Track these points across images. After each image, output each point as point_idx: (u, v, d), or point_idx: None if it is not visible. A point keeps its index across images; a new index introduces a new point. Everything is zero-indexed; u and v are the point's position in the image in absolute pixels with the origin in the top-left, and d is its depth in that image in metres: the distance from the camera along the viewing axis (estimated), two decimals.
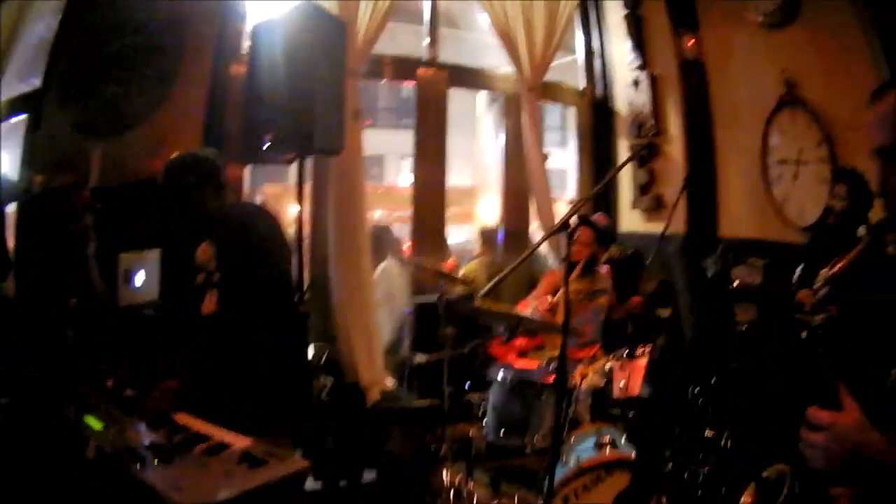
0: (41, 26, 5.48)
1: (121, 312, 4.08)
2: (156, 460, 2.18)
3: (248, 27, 5.12)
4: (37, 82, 5.15)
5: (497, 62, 6.58)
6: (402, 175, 17.52)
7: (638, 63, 6.41)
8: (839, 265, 1.75)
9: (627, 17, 6.42)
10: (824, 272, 1.75)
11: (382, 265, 5.91)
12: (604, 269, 5.12)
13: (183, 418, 2.62)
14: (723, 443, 3.70)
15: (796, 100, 5.19)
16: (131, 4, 4.85)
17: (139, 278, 4.05)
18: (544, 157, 6.25)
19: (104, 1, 4.86)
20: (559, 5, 6.24)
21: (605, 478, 3.43)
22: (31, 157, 5.00)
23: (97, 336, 3.83)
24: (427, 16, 6.17)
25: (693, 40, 6.05)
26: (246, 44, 5.02)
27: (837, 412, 1.51)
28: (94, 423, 2.50)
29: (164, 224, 3.84)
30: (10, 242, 4.65)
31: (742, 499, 2.13)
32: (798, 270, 3.68)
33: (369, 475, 4.75)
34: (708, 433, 3.80)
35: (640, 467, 3.43)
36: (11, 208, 4.88)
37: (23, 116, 5.32)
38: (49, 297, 4.14)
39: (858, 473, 1.49)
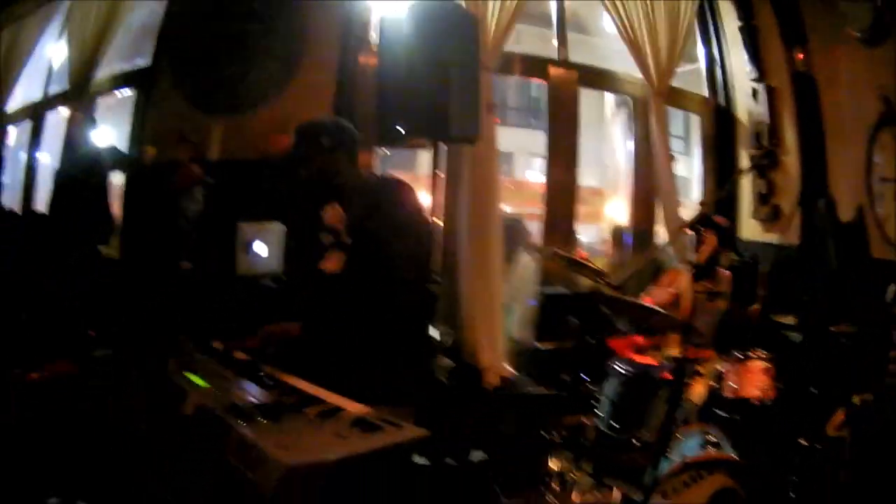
0: (143, 13, 5.78)
1: (239, 280, 4.15)
2: (262, 419, 2.14)
3: (374, 18, 5.29)
4: (143, 62, 5.36)
5: (623, 68, 6.63)
6: (530, 172, 17.52)
7: (755, 74, 6.41)
8: None
9: (742, 28, 6.45)
10: None
11: (521, 260, 5.87)
12: (724, 272, 5.13)
13: (296, 381, 2.60)
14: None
15: (893, 118, 5.15)
16: None
17: (259, 248, 4.10)
18: (671, 160, 6.28)
19: None
20: (679, 12, 6.24)
21: (706, 476, 3.43)
22: (142, 131, 5.25)
23: (208, 299, 3.89)
24: (555, 17, 6.27)
25: (802, 54, 6.03)
26: (374, 34, 5.15)
27: None
28: (199, 381, 2.49)
29: (293, 187, 3.76)
30: (116, 210, 4.95)
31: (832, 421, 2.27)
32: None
33: (477, 455, 4.75)
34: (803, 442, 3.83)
35: (742, 471, 3.45)
36: (120, 178, 5.14)
37: (129, 92, 5.60)
38: (157, 262, 4.32)
39: None
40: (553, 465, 4.25)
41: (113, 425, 2.26)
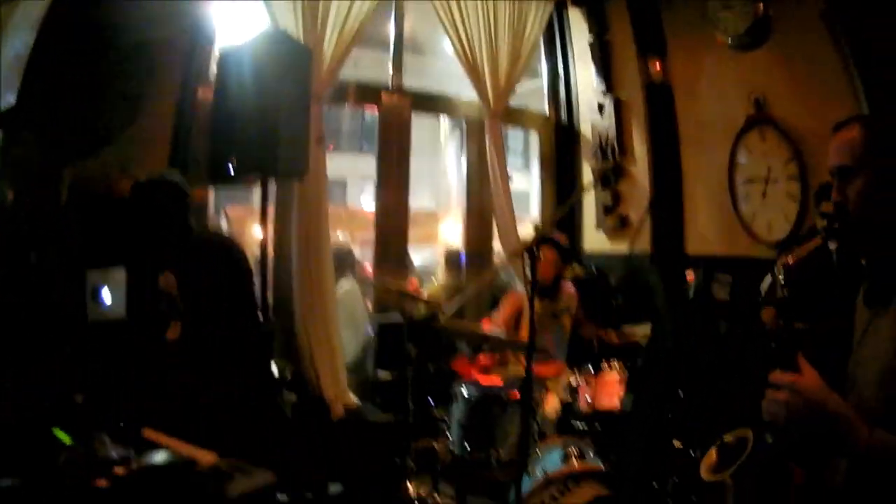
0: (18, 43, 5.46)
1: (90, 328, 4.07)
2: (119, 473, 2.15)
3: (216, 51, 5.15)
4: (12, 99, 5.15)
5: (462, 88, 6.60)
6: (364, 198, 17.55)
7: (603, 88, 6.52)
8: (793, 256, 1.97)
9: (593, 43, 6.55)
10: (781, 259, 1.99)
11: (345, 286, 5.99)
12: (567, 288, 5.24)
13: (149, 433, 2.61)
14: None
15: (766, 118, 5.29)
16: (105, 25, 4.81)
17: (105, 295, 4.08)
18: (508, 181, 6.31)
19: (78, 21, 4.81)
20: (525, 31, 6.33)
21: (574, 488, 3.50)
22: (4, 172, 4.99)
23: (66, 350, 3.76)
24: (392, 42, 6.22)
25: (659, 64, 6.17)
26: (213, 68, 5.03)
27: (797, 374, 1.75)
28: (63, 436, 2.46)
29: (130, 244, 3.80)
30: None
31: (706, 460, 2.30)
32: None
33: (335, 488, 4.78)
34: (676, 444, 3.93)
35: (612, 478, 3.51)
36: None
37: None
38: (20, 307, 4.10)
39: (816, 427, 1.71)
40: (412, 490, 4.25)
41: None
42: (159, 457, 2.33)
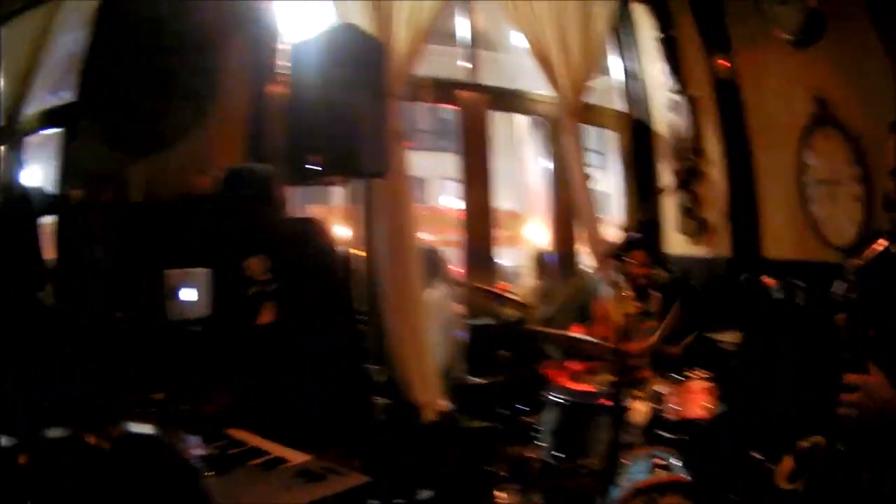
0: (69, 39, 5.56)
1: (168, 327, 4.04)
2: (211, 472, 2.18)
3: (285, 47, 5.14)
4: (68, 96, 5.21)
5: (536, 85, 6.55)
6: (444, 197, 17.55)
7: (674, 85, 6.41)
8: (860, 260, 1.98)
9: (662, 39, 6.45)
10: (849, 263, 2.00)
11: (436, 288, 5.88)
12: (654, 293, 5.14)
13: (239, 433, 2.64)
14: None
15: (828, 118, 5.13)
16: (165, 22, 4.87)
17: (185, 294, 4.03)
18: (588, 181, 6.24)
19: (137, 18, 4.87)
20: (592, 25, 6.21)
21: (659, 500, 3.43)
22: (67, 171, 5.07)
23: (143, 349, 3.80)
24: (464, 38, 6.22)
25: (725, 61, 6.02)
26: (283, 63, 5.02)
27: (867, 375, 1.82)
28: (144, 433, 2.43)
29: (216, 236, 3.74)
30: (48, 253, 4.78)
31: (781, 467, 2.29)
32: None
33: (425, 494, 4.75)
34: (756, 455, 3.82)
35: (696, 491, 3.43)
36: (48, 220, 4.94)
37: (56, 130, 5.40)
38: (92, 309, 4.17)
39: (887, 427, 1.78)
40: (501, 498, 4.23)
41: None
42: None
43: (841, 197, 5.11)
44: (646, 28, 6.69)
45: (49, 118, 5.83)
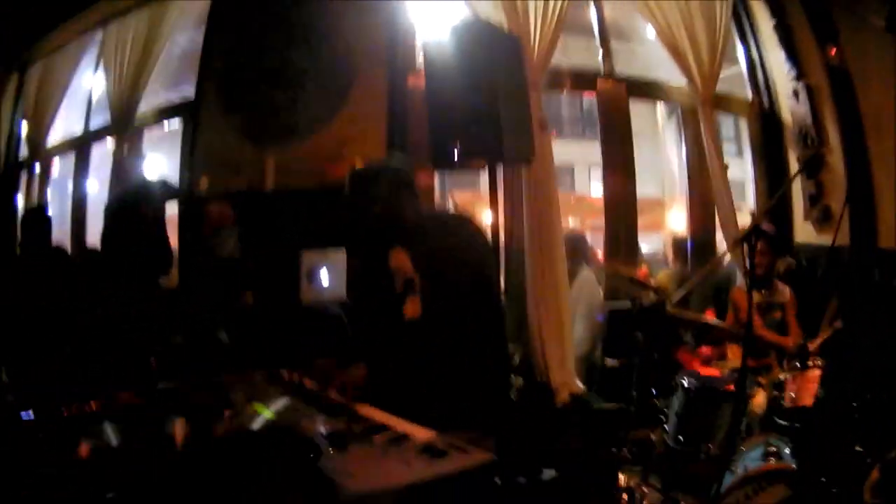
0: (183, 39, 5.89)
1: (304, 310, 4.16)
2: (330, 448, 2.13)
3: (419, 41, 5.38)
4: (188, 91, 5.44)
5: (668, 75, 6.62)
6: (592, 184, 17.44)
7: (794, 73, 6.33)
8: None
9: (776, 26, 6.39)
10: None
11: (581, 274, 5.97)
12: (780, 286, 5.09)
13: (366, 409, 2.61)
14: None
15: None
16: (294, 16, 5.11)
17: (323, 276, 4.11)
18: (725, 168, 6.21)
19: (257, 16, 5.10)
20: (715, 14, 6.22)
21: (767, 487, 3.43)
22: (193, 161, 5.30)
23: (270, 330, 3.93)
24: (596, 29, 6.28)
25: (835, 49, 5.92)
26: (420, 58, 5.16)
27: None
28: (264, 410, 2.52)
29: (350, 232, 3.69)
30: (174, 240, 5.10)
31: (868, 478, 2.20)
32: None
33: (549, 473, 4.77)
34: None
35: (797, 480, 3.41)
36: (174, 208, 5.12)
37: (176, 123, 5.73)
38: (217, 292, 4.34)
39: None
40: (623, 480, 4.26)
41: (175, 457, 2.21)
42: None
43: None
44: (763, 17, 6.63)
45: (168, 112, 6.25)
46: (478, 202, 11.96)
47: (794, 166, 6.60)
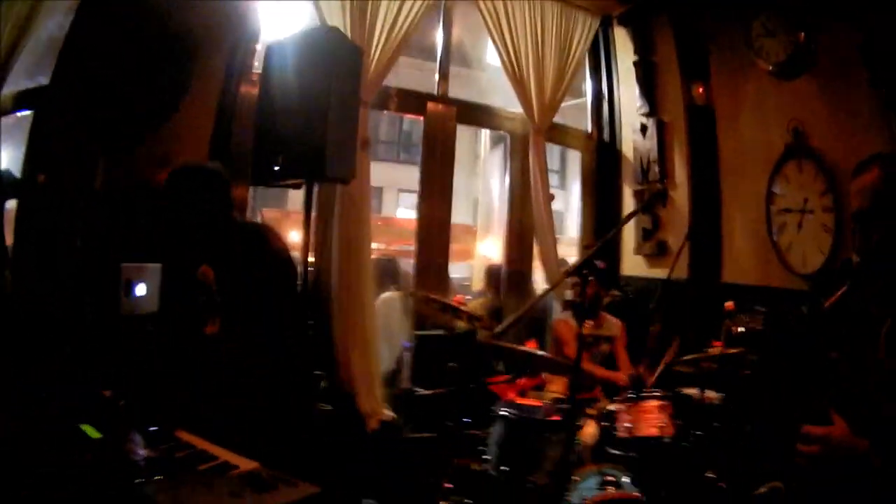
0: (52, 24, 5.43)
1: (121, 323, 3.99)
2: (158, 475, 2.09)
3: (260, 47, 5.14)
4: (44, 80, 5.11)
5: (504, 102, 6.61)
6: (399, 208, 17.56)
7: (646, 109, 6.50)
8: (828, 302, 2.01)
9: (637, 63, 6.54)
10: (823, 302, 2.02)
11: (384, 296, 5.92)
12: (610, 318, 5.17)
13: (185, 435, 2.52)
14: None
15: (804, 149, 5.28)
16: (146, 12, 4.78)
17: (140, 290, 4.02)
18: (550, 199, 6.27)
19: (119, 5, 4.79)
20: (571, 47, 6.34)
21: None
22: (35, 154, 4.94)
23: (95, 344, 3.76)
24: (439, 51, 6.20)
25: (702, 88, 6.14)
26: (258, 63, 5.00)
27: (829, 427, 1.83)
28: (92, 431, 2.40)
29: (166, 234, 3.65)
30: (9, 238, 4.66)
31: None
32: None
33: (369, 503, 4.71)
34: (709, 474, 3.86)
35: None
36: (11, 204, 4.83)
37: (28, 113, 5.27)
38: (50, 298, 4.09)
39: (847, 473, 1.80)
40: None
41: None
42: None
43: (810, 226, 5.26)
44: (623, 51, 6.79)
45: (24, 100, 5.70)
46: (286, 220, 11.73)
47: (627, 200, 6.76)
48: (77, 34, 4.84)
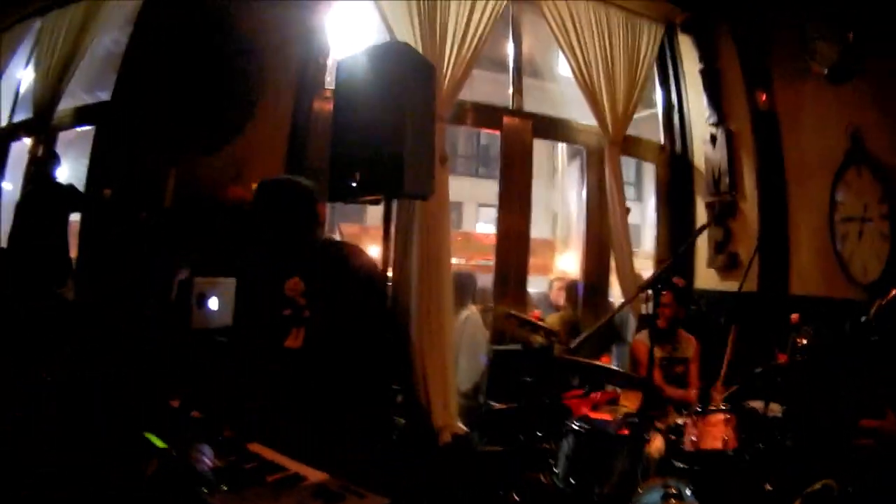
0: (108, 40, 5.58)
1: (193, 335, 4.12)
2: (224, 486, 2.09)
3: (330, 62, 5.24)
4: (104, 95, 5.22)
5: (578, 115, 6.59)
6: (478, 223, 17.57)
7: (714, 118, 6.41)
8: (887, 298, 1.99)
9: (703, 71, 6.44)
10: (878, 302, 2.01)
11: (466, 312, 5.89)
12: (685, 335, 5.08)
13: (255, 447, 2.53)
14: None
15: (861, 154, 5.15)
16: (211, 28, 4.89)
17: (213, 303, 4.08)
18: (626, 212, 6.24)
19: (181, 22, 4.87)
20: (639, 57, 6.30)
21: None
22: (99, 169, 5.06)
23: (164, 353, 3.72)
24: (511, 64, 6.22)
25: (765, 95, 6.03)
26: (329, 79, 5.09)
27: (883, 421, 1.88)
28: (157, 441, 2.39)
29: (250, 248, 3.63)
30: (74, 251, 4.81)
31: None
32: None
33: None
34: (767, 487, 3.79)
35: None
36: (76, 217, 5.01)
37: (88, 128, 5.42)
38: (118, 308, 4.18)
39: None
40: None
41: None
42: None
43: (868, 235, 5.12)
44: (690, 60, 6.70)
45: (84, 115, 5.87)
46: (365, 235, 11.85)
47: (700, 212, 6.66)
48: (136, 50, 4.94)
